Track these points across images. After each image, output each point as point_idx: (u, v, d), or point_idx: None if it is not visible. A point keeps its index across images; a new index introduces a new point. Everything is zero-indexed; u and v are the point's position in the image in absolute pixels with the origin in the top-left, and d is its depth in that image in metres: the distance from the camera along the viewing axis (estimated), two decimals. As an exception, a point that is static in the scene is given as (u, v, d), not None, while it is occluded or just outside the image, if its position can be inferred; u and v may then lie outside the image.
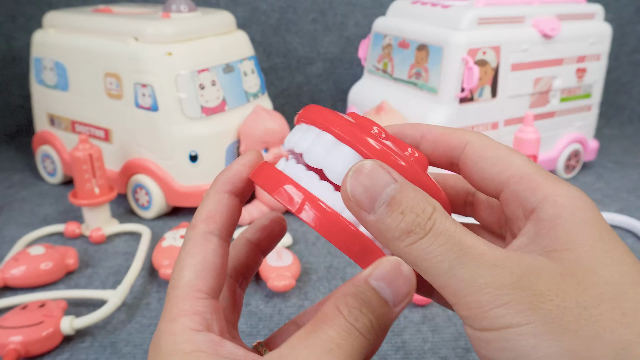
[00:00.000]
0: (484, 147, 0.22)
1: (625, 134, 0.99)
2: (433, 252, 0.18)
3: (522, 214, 0.21)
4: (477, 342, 0.19)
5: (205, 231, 0.23)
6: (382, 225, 0.19)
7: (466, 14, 0.65)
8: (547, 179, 0.20)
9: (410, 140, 0.24)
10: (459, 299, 0.18)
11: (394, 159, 0.21)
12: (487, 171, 0.22)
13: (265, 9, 1.02)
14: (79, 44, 0.67)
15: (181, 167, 0.64)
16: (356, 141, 0.21)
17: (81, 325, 0.45)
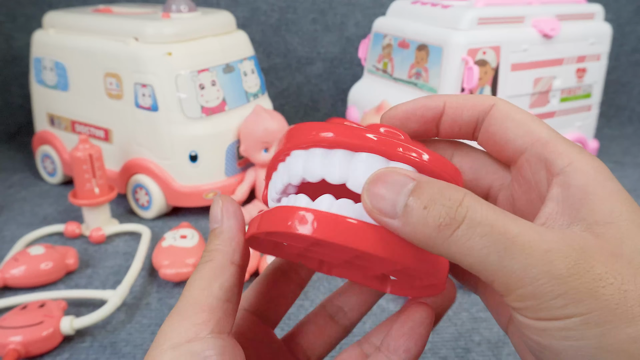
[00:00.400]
0: (511, 109, 0.22)
1: (625, 134, 0.99)
2: (475, 246, 0.17)
3: (545, 177, 0.21)
4: (531, 330, 0.18)
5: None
6: (410, 228, 0.17)
7: (466, 14, 0.65)
8: (573, 146, 0.20)
9: (434, 111, 0.24)
10: (510, 292, 0.17)
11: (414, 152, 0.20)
12: (511, 132, 0.22)
13: (265, 9, 1.02)
14: (79, 44, 0.67)
15: (181, 167, 0.64)
16: (387, 147, 0.20)
17: (81, 325, 0.45)
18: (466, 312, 0.50)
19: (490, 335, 0.47)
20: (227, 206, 0.24)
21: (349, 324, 0.28)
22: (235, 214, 0.24)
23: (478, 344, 0.46)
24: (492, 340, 0.46)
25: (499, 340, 0.46)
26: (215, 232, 0.23)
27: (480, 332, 0.47)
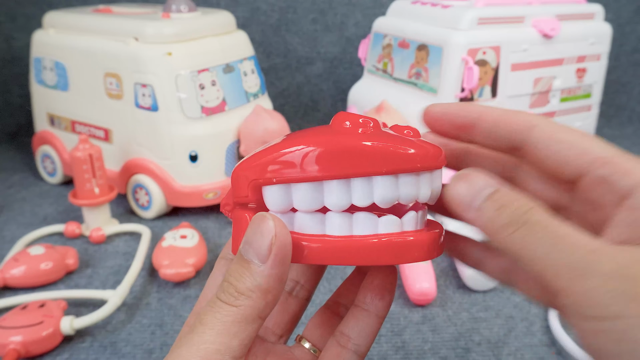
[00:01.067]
0: (555, 130, 0.22)
1: (625, 134, 0.99)
2: (529, 241, 0.19)
3: (613, 199, 0.20)
4: (585, 333, 0.18)
5: None
6: (480, 222, 0.20)
7: (466, 14, 0.65)
8: (636, 162, 0.20)
9: (464, 120, 0.24)
10: (559, 286, 0.18)
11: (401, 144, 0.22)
12: (562, 154, 0.21)
13: (265, 9, 1.02)
14: (79, 44, 0.67)
15: (181, 167, 0.64)
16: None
17: (81, 325, 0.45)
18: (466, 312, 0.50)
19: (490, 335, 0.47)
20: (281, 246, 0.21)
21: (307, 296, 0.29)
22: (287, 258, 0.21)
23: (478, 344, 0.46)
24: (492, 340, 0.46)
25: (499, 340, 0.46)
26: (253, 272, 0.20)
27: (480, 332, 0.47)
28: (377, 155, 0.21)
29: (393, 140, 0.22)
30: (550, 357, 0.44)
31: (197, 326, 0.20)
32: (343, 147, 0.21)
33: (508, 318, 0.49)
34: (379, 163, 0.21)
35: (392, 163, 0.21)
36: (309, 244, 0.22)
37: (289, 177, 0.22)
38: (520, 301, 0.51)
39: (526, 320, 0.49)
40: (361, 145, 0.21)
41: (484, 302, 0.51)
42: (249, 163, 0.23)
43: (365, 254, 0.22)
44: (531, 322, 0.48)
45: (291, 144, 0.22)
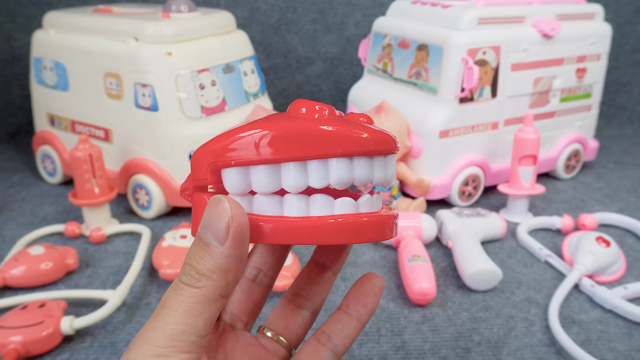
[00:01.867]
0: None
1: (625, 134, 0.99)
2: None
3: None
4: None
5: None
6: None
7: (466, 14, 0.65)
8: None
9: None
10: None
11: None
12: None
13: (265, 9, 1.02)
14: (79, 44, 0.67)
15: (181, 167, 0.64)
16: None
17: (81, 325, 0.45)
18: (466, 312, 0.50)
19: (490, 335, 0.47)
20: (238, 226, 0.21)
21: (270, 283, 0.29)
22: (245, 239, 0.21)
23: (478, 344, 0.46)
24: (492, 340, 0.46)
25: (499, 340, 0.46)
26: (212, 253, 0.21)
27: (480, 332, 0.47)
28: (332, 138, 0.22)
29: (348, 125, 0.23)
30: (550, 357, 0.44)
31: (161, 309, 0.21)
32: (300, 130, 0.22)
33: (508, 318, 0.49)
34: (335, 146, 0.22)
35: (347, 145, 0.22)
36: (267, 225, 0.22)
37: (247, 159, 0.22)
38: (520, 301, 0.51)
39: (526, 320, 0.49)
40: (317, 129, 0.22)
41: (484, 302, 0.51)
42: (209, 146, 0.23)
43: (322, 234, 0.22)
44: (531, 322, 0.48)
45: (250, 127, 0.23)
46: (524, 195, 0.65)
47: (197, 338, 0.20)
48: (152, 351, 0.20)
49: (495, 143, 0.70)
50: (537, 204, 0.71)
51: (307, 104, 0.24)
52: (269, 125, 0.22)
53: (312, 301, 0.29)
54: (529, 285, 0.54)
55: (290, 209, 0.23)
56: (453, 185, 0.68)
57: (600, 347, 0.45)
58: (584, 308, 0.50)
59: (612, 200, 0.72)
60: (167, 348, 0.20)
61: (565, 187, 0.76)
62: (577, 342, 0.46)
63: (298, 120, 0.23)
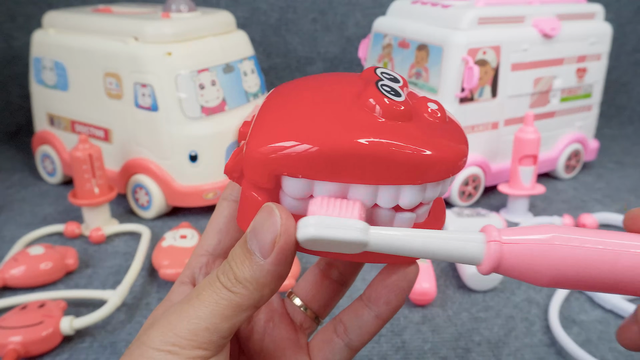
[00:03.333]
0: None
1: (626, 134, 0.99)
2: None
3: None
4: None
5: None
6: None
7: (466, 14, 0.65)
8: None
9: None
10: None
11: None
12: None
13: (265, 9, 1.02)
14: (79, 43, 0.67)
15: (181, 167, 0.64)
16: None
17: (81, 325, 0.45)
18: (466, 312, 0.49)
19: (490, 335, 0.47)
20: (284, 245, 0.20)
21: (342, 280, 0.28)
22: (288, 259, 0.20)
23: (478, 344, 0.46)
24: (492, 340, 0.46)
25: (499, 340, 0.46)
26: (253, 264, 0.20)
27: (480, 332, 0.47)
28: (405, 167, 0.20)
29: (445, 146, 0.21)
30: (550, 357, 0.44)
31: (193, 299, 0.21)
32: (372, 152, 0.20)
33: (508, 318, 0.49)
34: (408, 176, 0.21)
35: (420, 177, 0.21)
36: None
37: (316, 176, 0.21)
38: (520, 301, 0.51)
39: (526, 321, 0.48)
40: (389, 153, 0.20)
41: (484, 302, 0.51)
42: (271, 148, 0.21)
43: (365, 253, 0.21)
44: (531, 322, 0.48)
45: (316, 130, 0.20)
46: (524, 195, 0.65)
47: (219, 338, 0.20)
48: (171, 339, 0.20)
49: (495, 143, 0.70)
50: (537, 204, 0.71)
51: (376, 96, 0.21)
52: (348, 133, 0.20)
53: (344, 273, 0.28)
54: (529, 286, 0.54)
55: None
56: (453, 185, 0.68)
57: (600, 348, 0.45)
58: (584, 308, 0.50)
59: (612, 200, 0.72)
60: (185, 340, 0.20)
61: (566, 187, 0.76)
62: (577, 342, 0.46)
63: (389, 132, 0.20)
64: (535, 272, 0.20)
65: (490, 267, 0.20)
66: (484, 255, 0.20)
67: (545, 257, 0.19)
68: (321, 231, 0.19)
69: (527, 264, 0.19)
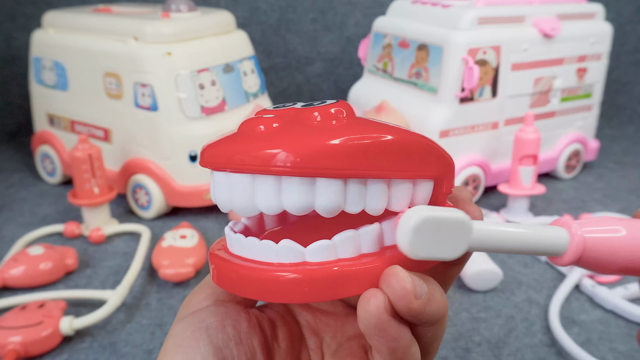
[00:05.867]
0: None
1: (626, 134, 0.99)
2: None
3: None
4: None
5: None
6: None
7: (466, 14, 0.65)
8: None
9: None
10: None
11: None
12: None
13: (265, 9, 1.02)
14: (79, 43, 0.67)
15: (181, 167, 0.64)
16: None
17: (81, 325, 0.45)
18: (466, 312, 0.49)
19: (490, 335, 0.47)
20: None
21: None
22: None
23: (478, 344, 0.46)
24: (492, 340, 0.46)
25: (499, 340, 0.46)
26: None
27: (480, 332, 0.47)
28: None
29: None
30: (550, 358, 0.44)
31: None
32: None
33: (508, 318, 0.49)
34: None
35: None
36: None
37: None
38: (520, 301, 0.51)
39: (526, 321, 0.48)
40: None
41: (484, 302, 0.51)
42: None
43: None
44: (531, 322, 0.48)
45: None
46: (524, 195, 0.65)
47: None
48: (191, 293, 0.24)
49: (495, 143, 0.70)
50: (537, 204, 0.70)
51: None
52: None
53: None
54: (530, 286, 0.54)
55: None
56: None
57: (600, 348, 0.45)
58: (585, 308, 0.50)
59: (612, 200, 0.72)
60: (200, 285, 0.24)
61: (566, 187, 0.76)
62: (577, 342, 0.45)
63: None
64: (608, 261, 0.21)
65: (573, 259, 0.21)
66: (567, 248, 0.21)
67: (618, 248, 0.21)
68: (432, 212, 0.19)
69: (604, 255, 0.21)
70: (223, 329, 0.21)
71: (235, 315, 0.22)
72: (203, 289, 0.23)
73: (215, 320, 0.22)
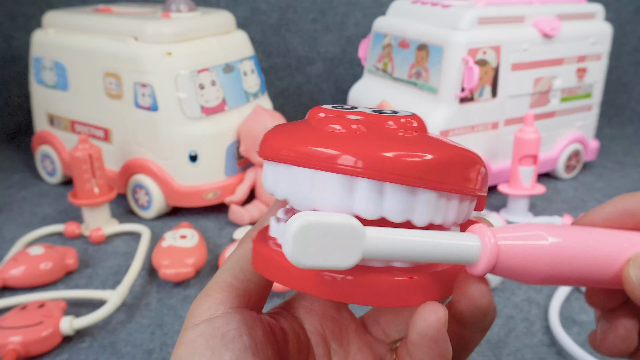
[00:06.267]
0: None
1: (626, 134, 0.99)
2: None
3: None
4: None
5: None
6: None
7: (466, 14, 0.65)
8: None
9: (637, 218, 0.22)
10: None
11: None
12: None
13: (265, 9, 1.02)
14: (79, 43, 0.67)
15: (181, 167, 0.64)
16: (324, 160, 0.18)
17: (81, 325, 0.45)
18: (466, 312, 0.49)
19: (490, 335, 0.47)
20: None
21: None
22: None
23: (478, 344, 0.46)
24: (492, 341, 0.46)
25: (499, 340, 0.46)
26: (262, 217, 0.24)
27: (480, 332, 0.47)
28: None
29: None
30: (550, 357, 0.44)
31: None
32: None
33: (508, 318, 0.49)
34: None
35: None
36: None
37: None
38: (520, 301, 0.51)
39: (526, 321, 0.48)
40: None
41: (484, 302, 0.51)
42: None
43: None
44: (531, 322, 0.48)
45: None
46: (524, 195, 0.65)
47: (234, 280, 0.22)
48: (201, 296, 0.22)
49: (495, 143, 0.70)
50: (537, 204, 0.70)
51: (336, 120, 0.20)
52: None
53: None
54: (530, 286, 0.54)
55: None
56: (453, 185, 0.68)
57: (600, 348, 0.45)
58: (585, 308, 0.50)
59: (612, 200, 0.72)
60: (211, 288, 0.22)
61: (566, 187, 0.76)
62: (577, 342, 0.45)
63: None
64: (528, 271, 0.20)
65: (486, 268, 0.19)
66: (479, 257, 0.19)
67: (539, 257, 0.19)
68: (317, 217, 0.18)
69: (521, 264, 0.19)
70: (240, 337, 0.21)
71: (251, 323, 0.21)
72: (215, 292, 0.22)
73: (232, 329, 0.21)
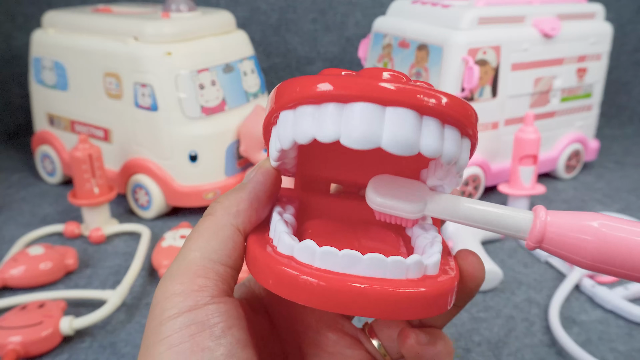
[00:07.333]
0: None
1: (626, 134, 0.99)
2: None
3: None
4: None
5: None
6: None
7: (466, 14, 0.65)
8: None
9: None
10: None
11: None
12: None
13: (265, 9, 1.02)
14: (79, 43, 0.67)
15: (181, 167, 0.64)
16: (382, 94, 0.19)
17: (81, 325, 0.45)
18: (466, 312, 0.49)
19: (490, 335, 0.47)
20: (263, 169, 0.22)
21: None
22: (265, 176, 0.22)
23: (478, 344, 0.46)
24: (492, 341, 0.46)
25: (499, 340, 0.46)
26: (235, 188, 0.22)
27: (480, 332, 0.47)
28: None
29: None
30: (550, 358, 0.44)
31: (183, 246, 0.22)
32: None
33: (508, 318, 0.49)
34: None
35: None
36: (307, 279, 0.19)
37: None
38: (521, 301, 0.51)
39: (526, 321, 0.48)
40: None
41: (484, 302, 0.51)
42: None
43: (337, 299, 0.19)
44: (531, 323, 0.48)
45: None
46: (524, 195, 0.65)
47: (209, 262, 0.20)
48: (171, 283, 0.20)
49: (495, 143, 0.70)
50: (537, 204, 0.70)
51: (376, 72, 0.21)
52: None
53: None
54: (530, 286, 0.54)
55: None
56: (453, 185, 0.68)
57: (601, 348, 0.45)
58: (585, 308, 0.50)
59: (612, 201, 0.72)
60: (183, 274, 0.20)
61: (566, 187, 0.76)
62: (577, 342, 0.45)
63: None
64: (574, 253, 0.21)
65: (535, 242, 0.21)
66: (529, 231, 0.21)
67: (583, 240, 0.20)
68: (386, 179, 0.23)
69: (568, 244, 0.21)
70: (229, 330, 0.19)
71: (237, 314, 0.20)
72: (189, 278, 0.20)
73: (220, 322, 0.19)
